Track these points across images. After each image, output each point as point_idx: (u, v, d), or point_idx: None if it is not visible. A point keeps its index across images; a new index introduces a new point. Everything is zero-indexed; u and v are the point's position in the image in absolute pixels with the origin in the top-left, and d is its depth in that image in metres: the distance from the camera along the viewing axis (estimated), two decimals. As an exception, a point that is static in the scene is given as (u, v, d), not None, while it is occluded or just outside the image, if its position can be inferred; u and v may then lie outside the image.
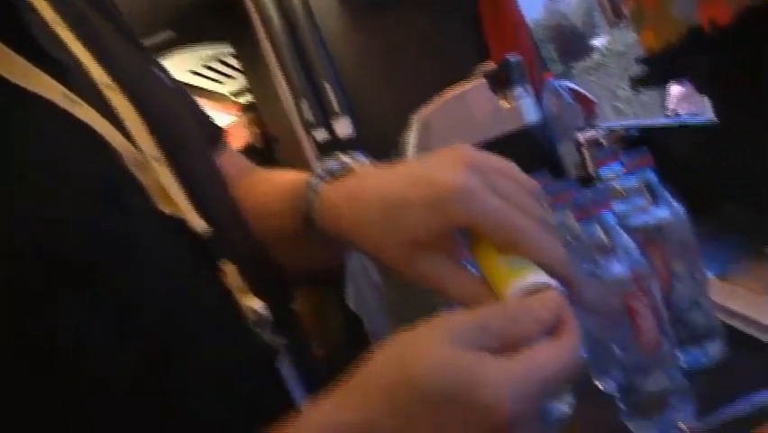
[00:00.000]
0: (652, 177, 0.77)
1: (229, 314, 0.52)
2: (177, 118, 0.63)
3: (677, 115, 1.82)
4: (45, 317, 0.40)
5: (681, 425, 0.63)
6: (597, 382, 0.83)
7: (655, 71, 1.21)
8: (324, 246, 0.62)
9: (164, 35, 3.26)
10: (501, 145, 1.75)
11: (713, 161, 1.36)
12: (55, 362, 0.40)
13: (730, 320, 0.85)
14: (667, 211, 0.76)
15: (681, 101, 1.86)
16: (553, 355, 0.38)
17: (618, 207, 0.78)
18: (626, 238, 0.65)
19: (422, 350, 0.37)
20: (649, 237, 0.75)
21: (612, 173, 0.80)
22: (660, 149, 0.84)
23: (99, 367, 0.42)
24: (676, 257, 0.76)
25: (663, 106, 1.95)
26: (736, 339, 0.82)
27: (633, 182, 0.78)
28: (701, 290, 0.79)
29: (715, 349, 0.80)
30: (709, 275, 0.91)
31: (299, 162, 2.60)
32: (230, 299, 0.52)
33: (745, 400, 0.65)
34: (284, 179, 0.68)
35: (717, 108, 1.31)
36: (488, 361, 0.36)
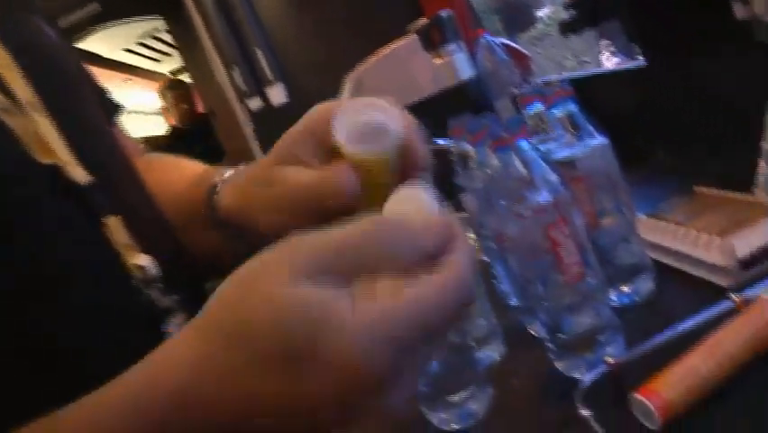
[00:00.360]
0: (574, 110, 0.74)
1: (112, 270, 0.49)
2: (62, 70, 0.59)
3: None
4: None
5: (608, 359, 0.61)
6: (529, 329, 0.81)
7: (583, 13, 1.18)
8: (230, 238, 0.58)
9: (89, 9, 3.12)
10: (437, 103, 1.71)
11: (644, 107, 1.35)
12: None
13: (660, 256, 0.83)
14: (590, 144, 0.73)
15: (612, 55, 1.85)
16: (431, 293, 0.31)
17: (542, 143, 0.75)
18: (544, 167, 0.62)
19: (260, 291, 0.31)
20: (572, 171, 0.72)
21: (535, 110, 0.77)
22: (594, 99, 0.82)
23: None
24: (601, 190, 0.73)
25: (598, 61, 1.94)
26: (666, 274, 0.80)
27: (555, 116, 0.75)
28: (630, 226, 0.77)
29: (646, 286, 0.78)
30: (640, 215, 0.89)
31: (236, 136, 2.52)
32: (113, 254, 0.49)
33: (671, 330, 0.62)
34: (195, 167, 0.67)
35: (645, 51, 1.30)
36: (341, 303, 0.30)
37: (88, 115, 0.59)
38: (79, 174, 0.48)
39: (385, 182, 0.40)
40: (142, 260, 0.49)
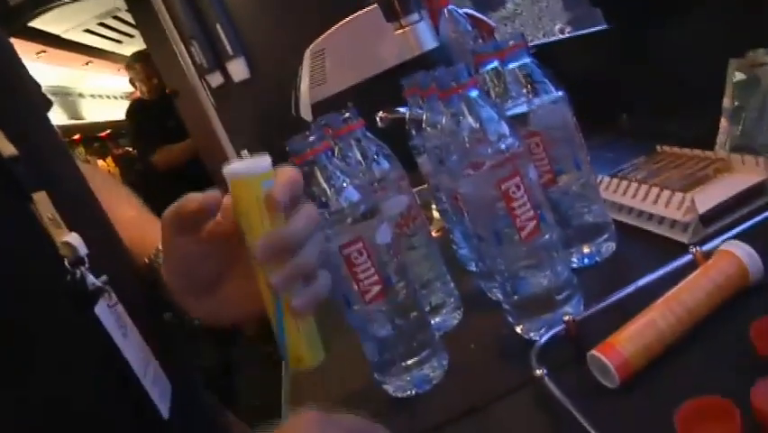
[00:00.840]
0: (530, 63, 0.71)
1: (40, 247, 0.47)
2: None
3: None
4: None
5: (567, 318, 0.58)
6: (488, 293, 0.78)
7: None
8: None
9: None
10: (400, 73, 1.66)
11: (608, 72, 1.33)
12: None
13: (622, 216, 0.81)
14: (546, 98, 0.70)
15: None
16: None
17: (500, 100, 0.72)
18: (497, 120, 0.59)
19: None
20: (527, 126, 0.69)
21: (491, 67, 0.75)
22: (558, 65, 0.79)
23: None
24: (558, 146, 0.71)
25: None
26: (628, 233, 0.78)
27: (511, 72, 0.72)
28: (590, 185, 0.75)
29: (607, 246, 0.76)
30: (602, 176, 0.86)
31: (199, 116, 2.46)
32: (40, 230, 0.47)
33: (631, 287, 0.60)
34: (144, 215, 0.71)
35: (608, 16, 1.27)
36: None
37: (16, 93, 0.56)
38: (5, 146, 0.46)
39: (256, 204, 0.48)
40: (71, 238, 0.48)
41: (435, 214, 1.09)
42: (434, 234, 1.10)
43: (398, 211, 0.69)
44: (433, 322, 0.72)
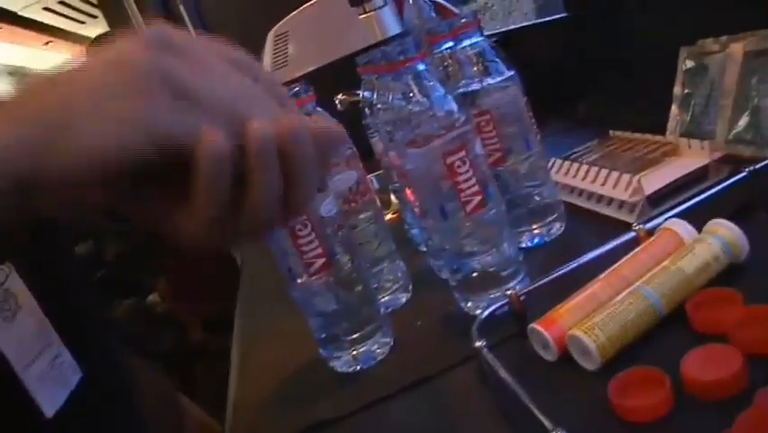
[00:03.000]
0: (482, 43, 0.71)
1: None
2: None
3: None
4: None
5: (510, 292, 0.59)
6: (437, 272, 0.79)
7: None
8: None
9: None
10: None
11: (565, 61, 1.34)
12: None
13: (571, 198, 0.82)
14: (497, 77, 0.70)
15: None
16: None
17: (453, 80, 0.72)
18: (444, 95, 0.59)
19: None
20: (479, 103, 0.69)
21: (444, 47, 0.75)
22: (518, 53, 0.79)
23: None
24: (508, 126, 0.71)
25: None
26: (577, 214, 0.79)
27: (464, 51, 0.72)
28: (540, 166, 0.75)
29: (555, 226, 0.77)
30: (554, 159, 0.87)
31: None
32: None
33: (574, 263, 0.61)
34: None
35: (568, 4, 1.28)
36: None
37: None
38: None
39: None
40: None
41: (393, 198, 1.09)
42: (390, 216, 1.10)
43: (347, 186, 0.69)
44: (381, 301, 0.72)
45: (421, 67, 0.58)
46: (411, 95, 0.59)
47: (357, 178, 0.70)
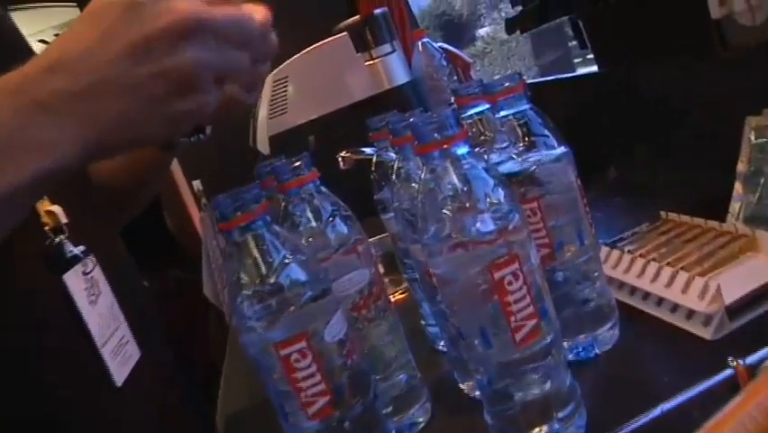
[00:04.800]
0: (528, 111, 0.58)
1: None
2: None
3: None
4: None
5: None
6: (462, 386, 0.64)
7: (530, 12, 1.04)
8: None
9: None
10: (369, 107, 1.53)
11: (595, 118, 1.21)
12: None
13: (623, 297, 0.68)
14: (548, 155, 0.57)
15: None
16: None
17: (488, 153, 0.58)
18: (490, 183, 0.45)
19: None
20: (525, 189, 0.56)
21: (479, 114, 0.60)
22: (543, 107, 0.67)
23: None
24: (561, 215, 0.57)
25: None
26: (632, 320, 0.64)
27: (504, 120, 0.58)
28: (594, 259, 0.61)
29: (610, 335, 0.62)
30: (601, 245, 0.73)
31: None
32: None
33: (658, 410, 0.46)
34: None
35: (600, 57, 1.16)
36: None
37: None
38: None
39: None
40: (54, 208, 0.53)
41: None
42: (399, 295, 0.96)
43: (357, 288, 0.55)
44: (391, 423, 0.58)
45: (463, 150, 0.44)
46: (446, 180, 0.46)
47: (370, 277, 0.55)
